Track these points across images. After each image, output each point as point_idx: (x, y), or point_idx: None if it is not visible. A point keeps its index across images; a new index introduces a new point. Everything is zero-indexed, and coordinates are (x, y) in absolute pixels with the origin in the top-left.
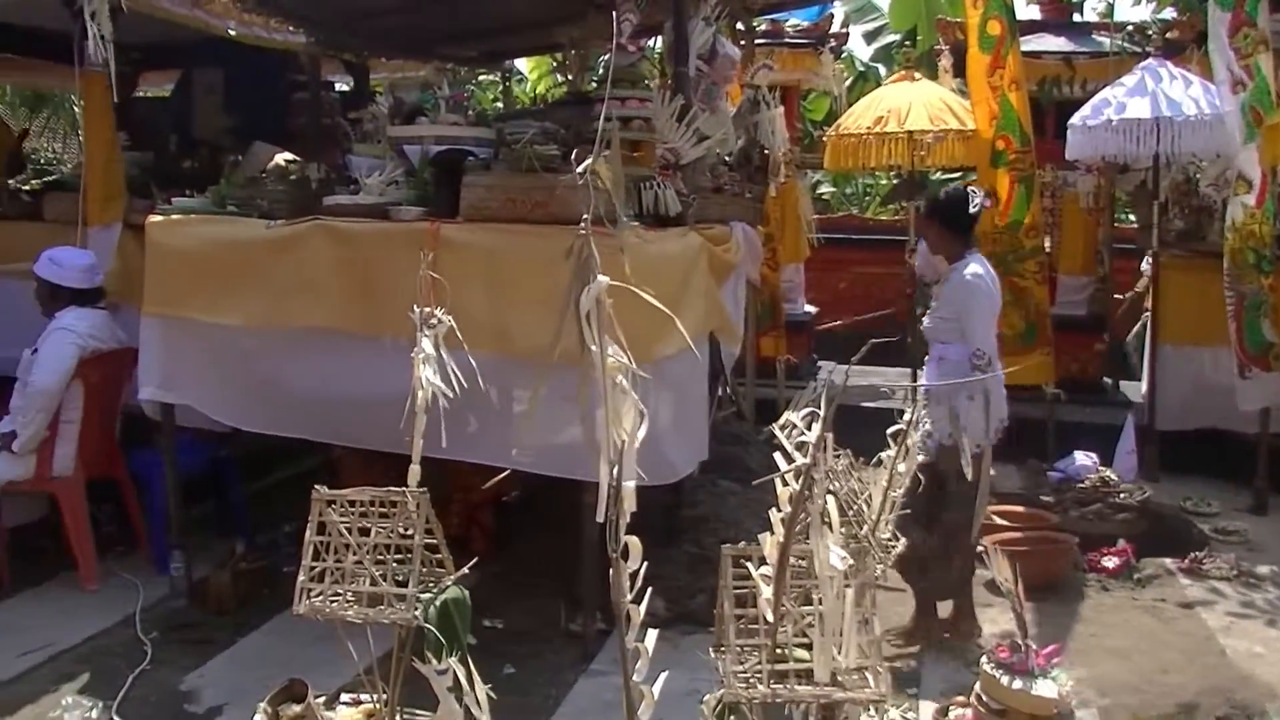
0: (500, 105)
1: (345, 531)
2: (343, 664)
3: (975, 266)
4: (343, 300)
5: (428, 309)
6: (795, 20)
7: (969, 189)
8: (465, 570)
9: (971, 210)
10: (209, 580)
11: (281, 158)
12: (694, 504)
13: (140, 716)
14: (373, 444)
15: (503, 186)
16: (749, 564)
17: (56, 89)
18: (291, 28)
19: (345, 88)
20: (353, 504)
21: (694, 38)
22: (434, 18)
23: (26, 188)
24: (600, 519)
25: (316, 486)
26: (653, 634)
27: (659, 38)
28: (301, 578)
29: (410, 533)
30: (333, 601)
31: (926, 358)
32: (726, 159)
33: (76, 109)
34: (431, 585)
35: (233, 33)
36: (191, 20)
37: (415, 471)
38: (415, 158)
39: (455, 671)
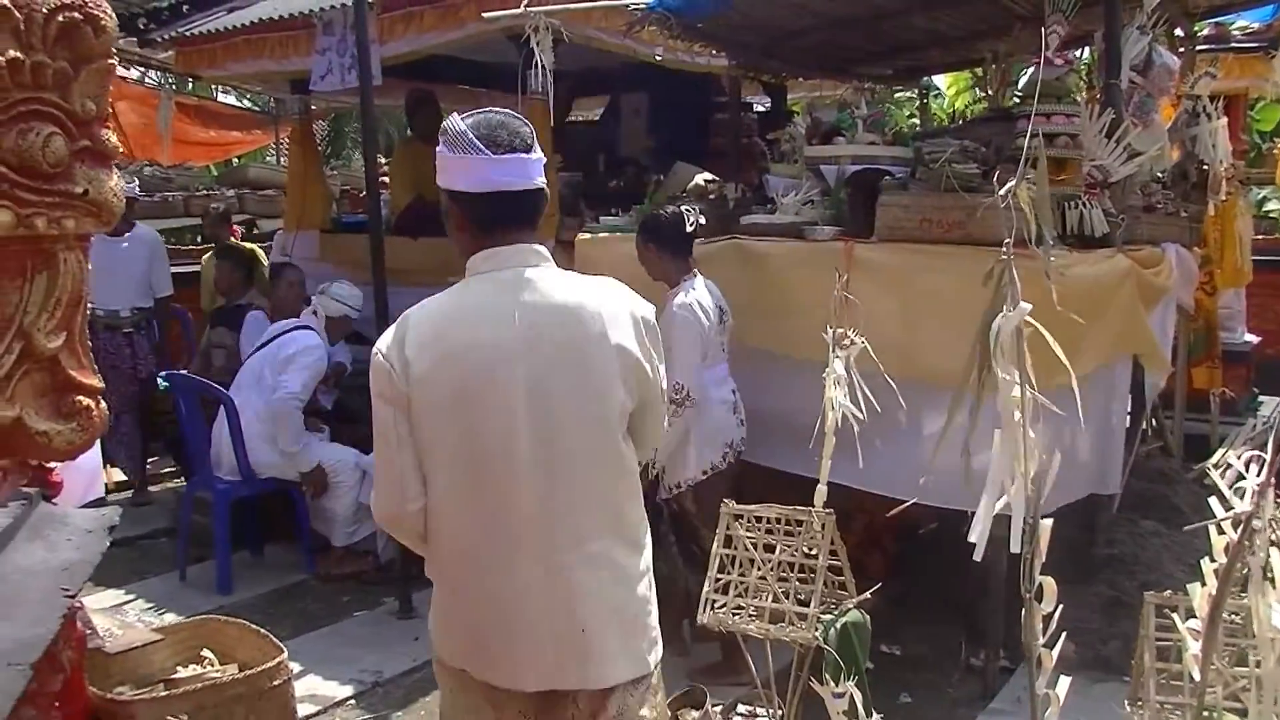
0: (916, 123)
1: (750, 546)
2: (741, 676)
3: (684, 295)
4: (754, 317)
5: (840, 329)
6: (1243, 22)
7: (684, 209)
8: (868, 595)
9: (689, 230)
10: None
11: (701, 178)
12: (1110, 543)
13: None
14: (774, 462)
15: (919, 206)
16: (1174, 614)
17: None
18: (714, 52)
19: (763, 108)
20: (759, 520)
21: (1127, 47)
22: (853, 37)
23: None
24: (977, 557)
25: (726, 500)
26: (1065, 681)
27: (1088, 48)
28: (706, 588)
29: (814, 553)
30: (735, 615)
31: None
32: (1160, 176)
33: None
34: (833, 606)
35: (659, 58)
36: (622, 48)
37: (822, 492)
38: (831, 177)
39: (852, 696)
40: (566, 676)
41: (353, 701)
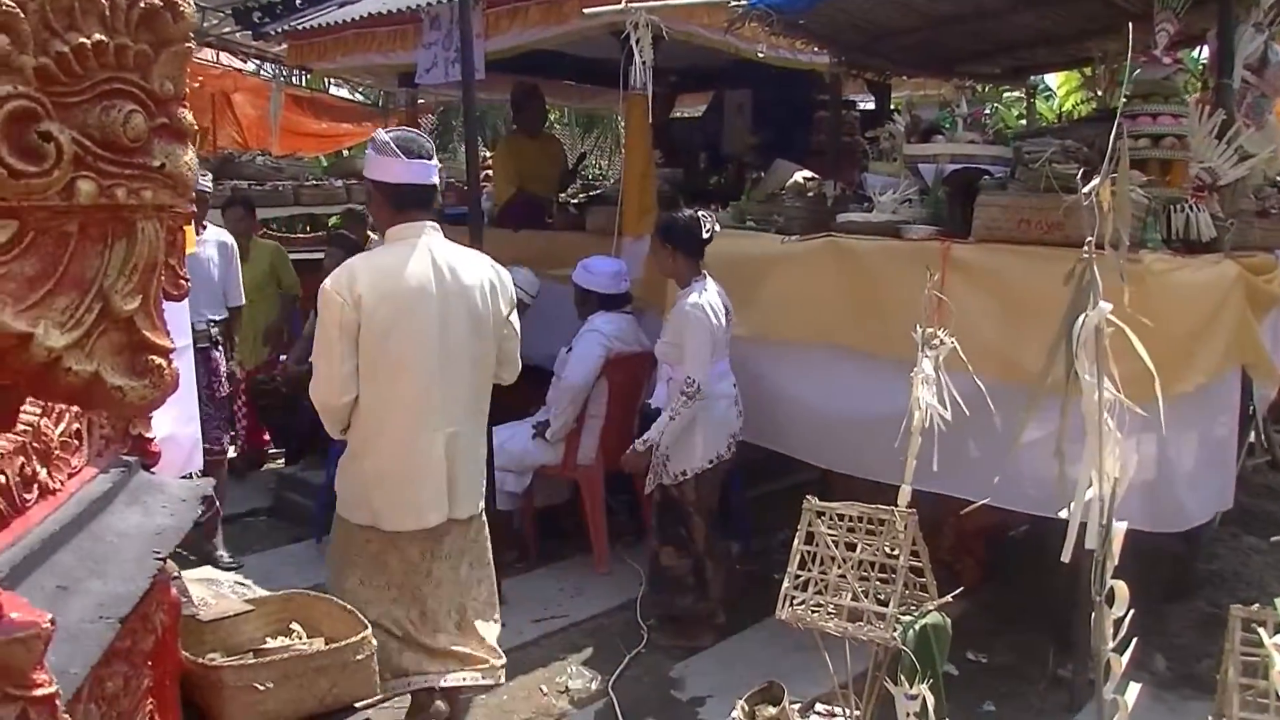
0: (1025, 123)
1: (832, 544)
2: (820, 675)
3: (696, 296)
4: (845, 316)
5: (930, 329)
6: None
7: (700, 214)
8: (949, 598)
9: (704, 235)
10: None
11: (800, 175)
12: (1211, 558)
13: (633, 694)
14: (858, 469)
15: (1017, 207)
16: (1261, 630)
17: (604, 112)
18: (816, 49)
19: (868, 106)
20: (842, 518)
21: (1241, 45)
22: (957, 35)
23: (574, 201)
24: (1065, 558)
25: (808, 497)
26: (1134, 688)
27: (1203, 48)
28: (786, 584)
29: (896, 552)
30: (813, 611)
31: (659, 378)
32: (1276, 179)
33: (622, 129)
34: (913, 608)
35: (761, 55)
36: (724, 44)
37: (906, 492)
38: (930, 176)
39: (925, 699)
40: (453, 510)
41: None
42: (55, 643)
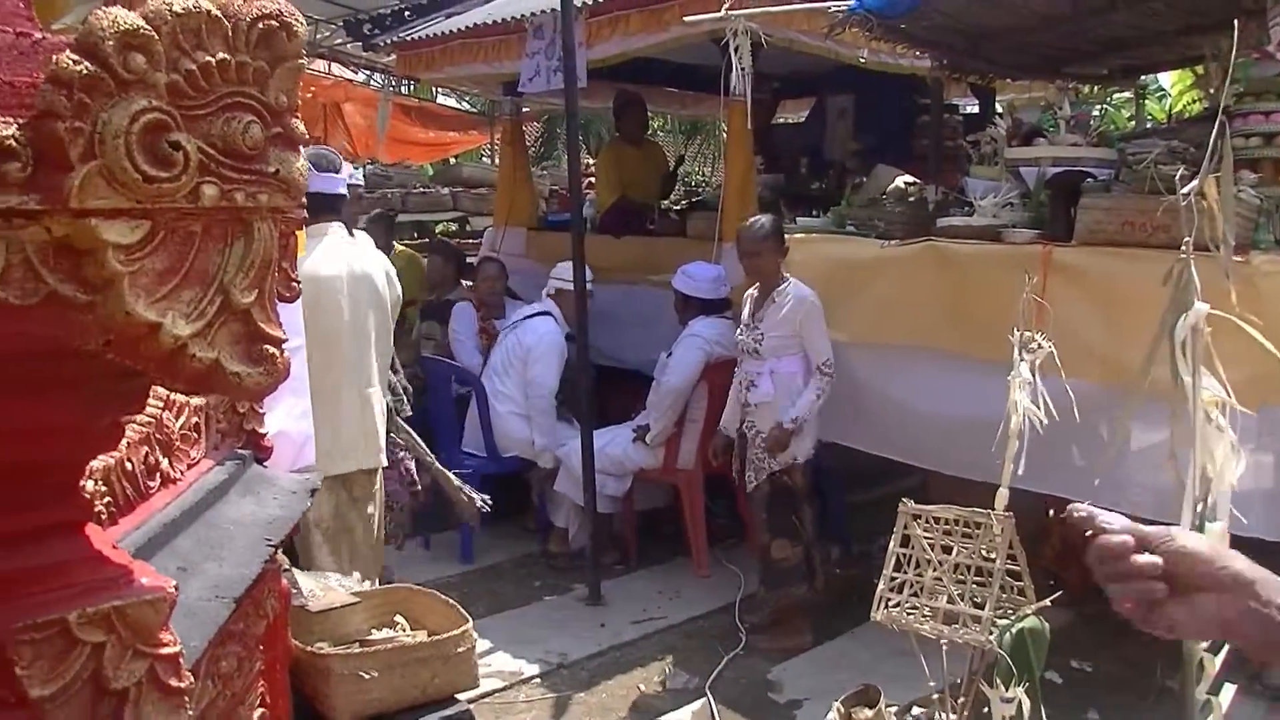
0: (1134, 124)
1: (928, 547)
2: (917, 680)
3: (804, 287)
4: (945, 320)
5: (1028, 333)
6: None
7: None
8: (1047, 602)
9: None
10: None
11: (901, 180)
12: None
13: (729, 695)
14: (956, 469)
15: (1120, 209)
16: None
17: (707, 118)
18: (918, 53)
19: (972, 109)
20: (938, 521)
21: None
22: (1062, 35)
23: (676, 208)
24: None
25: (904, 500)
26: (1229, 689)
27: None
28: (881, 586)
29: (992, 556)
30: (909, 614)
31: (754, 374)
32: None
33: (723, 136)
34: (1010, 612)
35: (863, 60)
36: (824, 50)
37: (1003, 495)
38: (1032, 179)
39: (1021, 703)
40: (367, 459)
41: (538, 680)
42: (176, 617)
